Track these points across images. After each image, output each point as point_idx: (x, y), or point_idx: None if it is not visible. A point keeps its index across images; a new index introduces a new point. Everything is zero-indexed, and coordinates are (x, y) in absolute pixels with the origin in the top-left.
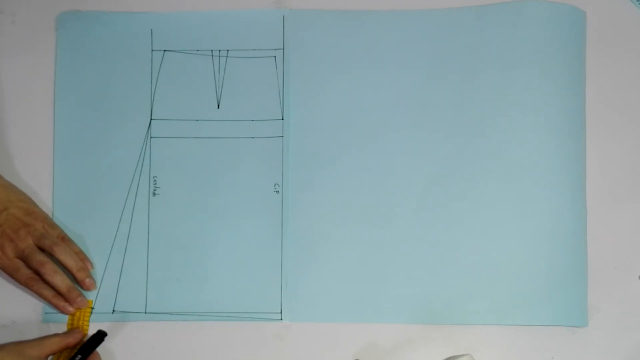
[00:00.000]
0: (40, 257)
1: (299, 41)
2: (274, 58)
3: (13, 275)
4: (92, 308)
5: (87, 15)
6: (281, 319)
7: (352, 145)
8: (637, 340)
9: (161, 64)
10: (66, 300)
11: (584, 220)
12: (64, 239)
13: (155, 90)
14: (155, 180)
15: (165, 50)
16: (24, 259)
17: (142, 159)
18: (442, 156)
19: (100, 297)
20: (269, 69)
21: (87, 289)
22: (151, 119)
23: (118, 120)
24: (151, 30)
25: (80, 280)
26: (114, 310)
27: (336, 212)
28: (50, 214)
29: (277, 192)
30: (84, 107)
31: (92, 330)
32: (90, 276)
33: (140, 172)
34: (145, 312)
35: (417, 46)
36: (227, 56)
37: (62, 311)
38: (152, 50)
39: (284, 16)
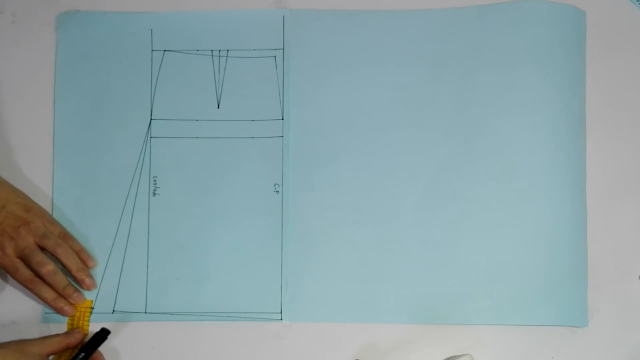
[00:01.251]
0: (40, 258)
1: (299, 41)
2: (274, 58)
3: (13, 275)
4: (92, 308)
5: (87, 15)
6: (281, 319)
7: (352, 145)
8: (637, 340)
9: (161, 64)
10: (62, 296)
11: (584, 220)
12: (65, 236)
13: (155, 90)
14: (155, 180)
15: (165, 50)
16: (24, 258)
17: (142, 159)
18: (442, 156)
19: (100, 297)
20: (269, 69)
21: (87, 289)
22: (151, 119)
23: (118, 120)
24: (151, 30)
25: (80, 280)
26: (114, 310)
27: (336, 212)
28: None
29: (277, 192)
30: (84, 107)
31: (93, 330)
32: (89, 276)
33: (140, 172)
34: (145, 312)
35: (417, 46)
36: (227, 56)
37: (61, 313)
38: (152, 50)
39: (284, 16)
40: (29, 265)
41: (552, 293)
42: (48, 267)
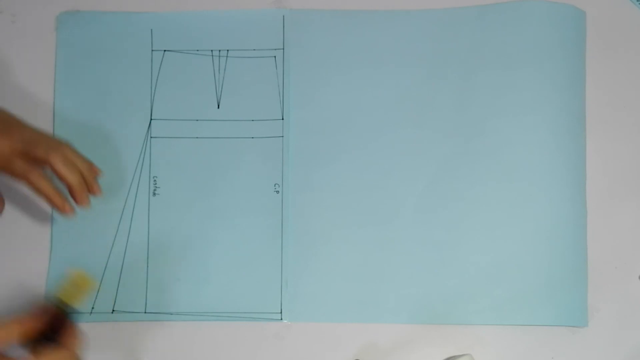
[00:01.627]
0: (45, 149)
1: (299, 41)
2: (274, 58)
3: (9, 170)
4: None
5: (87, 15)
6: (281, 319)
7: (352, 145)
8: (637, 340)
9: (161, 64)
10: (73, 195)
11: (584, 220)
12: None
13: (155, 90)
14: (155, 180)
15: (165, 50)
16: (26, 152)
17: (142, 159)
18: (442, 156)
19: (100, 297)
20: (269, 69)
21: (94, 193)
22: (151, 119)
23: (118, 120)
24: (151, 30)
25: (88, 183)
26: (113, 310)
27: (336, 212)
28: (50, 214)
29: (277, 192)
30: (84, 107)
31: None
32: (96, 181)
33: (140, 172)
34: (145, 312)
35: (417, 46)
36: (227, 56)
37: (62, 211)
38: (152, 50)
39: (284, 16)
40: (30, 160)
41: (552, 293)
42: (56, 156)
